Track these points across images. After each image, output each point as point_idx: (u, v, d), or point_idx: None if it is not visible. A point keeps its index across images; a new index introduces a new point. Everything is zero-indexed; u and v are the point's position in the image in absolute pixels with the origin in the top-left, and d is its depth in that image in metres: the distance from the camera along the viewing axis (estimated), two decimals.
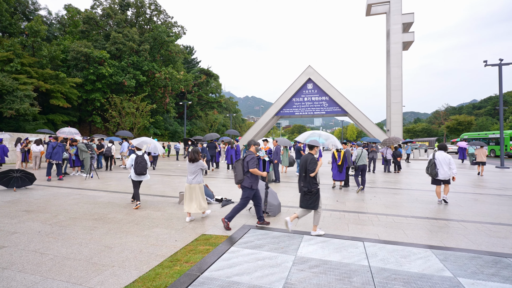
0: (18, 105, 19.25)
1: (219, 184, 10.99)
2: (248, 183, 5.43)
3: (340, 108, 31.31)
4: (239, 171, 5.42)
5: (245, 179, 5.44)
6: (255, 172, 5.42)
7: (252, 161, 5.44)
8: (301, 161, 5.28)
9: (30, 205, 7.03)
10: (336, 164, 10.71)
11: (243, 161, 5.51)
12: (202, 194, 5.89)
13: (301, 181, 5.20)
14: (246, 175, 5.45)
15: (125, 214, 6.31)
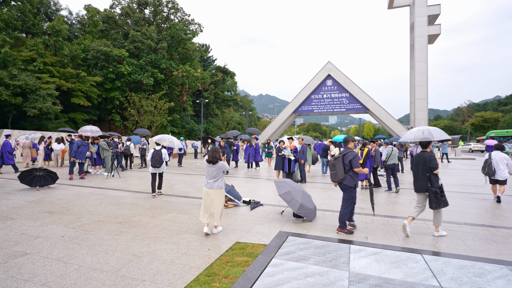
0: (41, 103, 19.49)
1: (242, 184, 10.53)
2: (351, 182, 5.04)
3: (361, 105, 30.28)
4: (340, 169, 5.03)
5: (346, 178, 5.05)
6: (360, 171, 5.01)
7: (356, 159, 5.04)
8: (415, 160, 5.07)
9: (53, 206, 6.78)
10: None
11: (343, 159, 5.09)
12: (221, 203, 4.95)
13: (421, 181, 4.92)
14: (348, 173, 5.04)
15: (151, 217, 5.92)
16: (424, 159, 4.93)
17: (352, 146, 5.30)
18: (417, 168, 5.03)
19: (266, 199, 7.90)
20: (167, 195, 8.31)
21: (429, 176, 4.86)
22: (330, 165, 5.21)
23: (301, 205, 5.69)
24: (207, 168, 4.98)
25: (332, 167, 5.16)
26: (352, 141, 5.32)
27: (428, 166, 4.86)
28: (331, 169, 5.19)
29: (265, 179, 12.12)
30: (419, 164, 4.98)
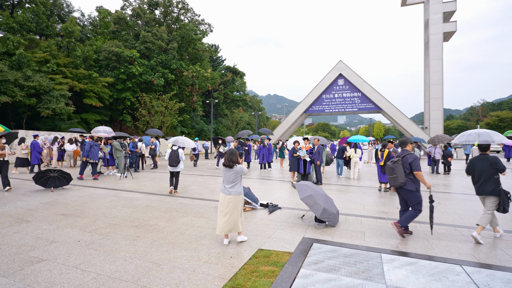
0: (54, 104, 19.67)
1: (256, 185, 10.29)
2: (413, 186, 4.80)
3: (373, 105, 29.66)
4: (400, 173, 4.79)
5: (407, 182, 4.82)
6: (420, 176, 4.78)
7: (417, 162, 4.79)
8: (476, 163, 4.90)
9: (68, 208, 6.67)
10: (379, 164, 9.90)
11: (402, 161, 4.86)
12: (240, 210, 4.61)
13: (490, 184, 4.71)
14: (409, 177, 4.81)
15: (167, 221, 5.73)
16: (490, 161, 4.76)
17: (410, 148, 5.07)
18: (480, 171, 4.84)
19: (283, 202, 7.64)
20: (182, 197, 8.14)
21: (498, 178, 4.70)
22: (389, 169, 4.96)
23: (324, 210, 5.41)
24: (224, 172, 4.65)
25: (391, 170, 4.92)
26: (411, 143, 5.10)
27: (495, 168, 4.71)
28: (390, 172, 4.94)
29: (279, 180, 11.85)
30: (484, 167, 4.80)
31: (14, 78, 18.18)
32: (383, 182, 9.73)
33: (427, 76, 30.47)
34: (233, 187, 4.62)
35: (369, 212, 6.72)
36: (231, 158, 4.61)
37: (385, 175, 9.50)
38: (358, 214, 6.52)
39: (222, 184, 4.72)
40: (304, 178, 10.86)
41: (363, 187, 10.37)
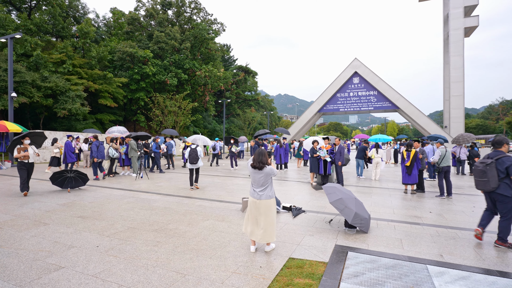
0: (70, 105, 19.84)
1: (275, 187, 9.91)
2: (507, 191, 4.34)
3: (390, 103, 28.85)
4: (493, 177, 4.37)
5: (502, 186, 4.36)
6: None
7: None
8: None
9: (85, 210, 6.48)
10: (404, 165, 9.37)
11: (496, 164, 4.44)
12: (273, 216, 4.19)
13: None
14: (504, 181, 4.37)
15: (188, 225, 5.45)
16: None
17: (505, 149, 4.58)
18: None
19: (306, 205, 7.26)
20: (200, 198, 7.86)
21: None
22: (479, 172, 4.53)
23: (356, 214, 5.01)
24: (253, 175, 4.27)
25: (482, 174, 4.49)
26: (507, 143, 4.61)
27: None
28: (481, 176, 4.51)
29: (297, 181, 11.45)
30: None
31: (31, 79, 18.41)
32: (408, 184, 9.22)
33: (447, 73, 29.42)
34: (263, 190, 4.25)
35: (401, 216, 6.27)
36: (261, 159, 4.24)
37: (409, 177, 9.05)
38: (389, 218, 6.08)
39: (251, 187, 4.38)
40: (324, 179, 10.44)
41: (387, 189, 9.88)
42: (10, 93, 15.52)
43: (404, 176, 9.20)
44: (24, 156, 7.82)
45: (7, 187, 9.17)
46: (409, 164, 9.09)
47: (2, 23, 19.41)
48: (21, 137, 7.98)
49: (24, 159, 7.82)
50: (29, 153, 7.92)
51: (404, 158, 9.34)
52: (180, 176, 12.41)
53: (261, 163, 4.24)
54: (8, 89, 15.78)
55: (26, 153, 7.86)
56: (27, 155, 7.86)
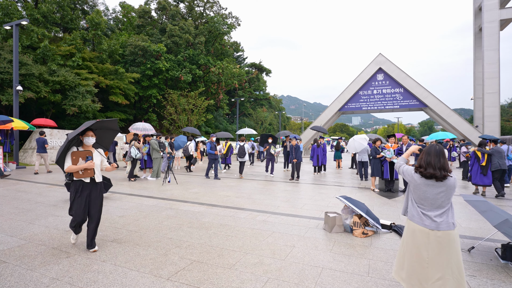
0: (80, 101, 18.25)
1: (328, 195, 8.17)
2: None
3: (418, 101, 26.99)
4: None
5: None
6: None
7: None
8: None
9: (117, 229, 4.79)
10: (479, 165, 8.39)
11: None
12: (459, 258, 2.47)
13: None
14: None
15: (272, 255, 3.74)
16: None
17: None
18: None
19: (397, 220, 5.53)
20: (256, 211, 6.15)
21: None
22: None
23: None
24: (425, 189, 2.56)
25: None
26: None
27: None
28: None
29: (352, 187, 9.69)
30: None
31: (38, 72, 16.83)
32: (485, 185, 8.31)
33: (478, 69, 27.58)
34: (443, 214, 2.52)
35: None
36: (442, 163, 2.53)
37: (484, 177, 8.22)
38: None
39: (417, 209, 2.63)
40: (389, 185, 8.71)
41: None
42: (16, 86, 13.94)
43: (479, 177, 8.35)
44: (86, 171, 3.71)
45: (12, 195, 7.51)
46: (484, 163, 8.28)
47: (7, 11, 17.87)
48: (81, 132, 3.78)
49: (84, 176, 3.71)
50: (94, 164, 3.75)
51: (479, 158, 8.37)
52: (212, 181, 10.71)
53: (443, 170, 2.52)
54: (13, 82, 14.19)
55: (90, 163, 3.68)
56: (91, 166, 3.70)
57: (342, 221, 4.86)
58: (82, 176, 3.69)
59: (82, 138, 3.77)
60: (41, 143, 11.78)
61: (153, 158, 11.04)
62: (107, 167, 4.05)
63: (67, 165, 3.65)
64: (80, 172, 3.67)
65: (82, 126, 3.69)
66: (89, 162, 3.65)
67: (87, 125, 3.70)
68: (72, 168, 3.62)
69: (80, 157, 3.65)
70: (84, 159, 3.66)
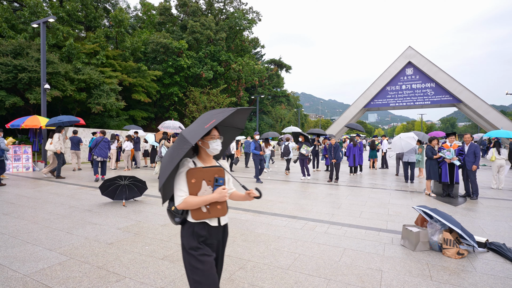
0: (104, 99, 18.09)
1: (381, 197, 7.34)
2: None
3: (451, 96, 25.47)
4: None
5: None
6: None
7: None
8: None
9: (164, 242, 4.21)
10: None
11: None
12: None
13: None
14: None
15: (360, 282, 3.03)
16: None
17: None
18: None
19: (482, 234, 4.67)
20: (311, 220, 5.44)
21: None
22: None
23: None
24: None
25: None
26: None
27: None
28: None
29: (401, 190, 8.81)
30: None
31: (64, 71, 16.74)
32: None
33: None
34: None
35: None
36: None
37: None
38: None
39: None
40: (448, 189, 7.79)
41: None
42: (43, 84, 13.80)
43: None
44: (215, 205, 2.07)
45: (44, 197, 7.14)
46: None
47: (34, 10, 17.89)
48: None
49: (212, 215, 2.05)
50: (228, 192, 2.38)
51: None
52: (244, 182, 10.08)
53: None
54: (41, 80, 14.07)
55: (222, 191, 2.04)
56: (225, 197, 2.06)
57: (427, 237, 4.09)
58: (207, 216, 1.99)
59: (202, 143, 2.04)
60: (76, 141, 12.09)
61: None
62: (240, 194, 2.21)
63: (182, 195, 1.91)
64: (204, 208, 1.97)
65: (205, 120, 1.91)
66: (222, 189, 1.96)
67: (213, 117, 1.89)
68: (193, 203, 1.90)
69: (203, 179, 1.97)
70: (210, 183, 2.00)
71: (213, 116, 1.88)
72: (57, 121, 11.34)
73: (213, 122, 1.82)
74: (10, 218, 5.34)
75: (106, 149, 9.96)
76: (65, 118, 11.67)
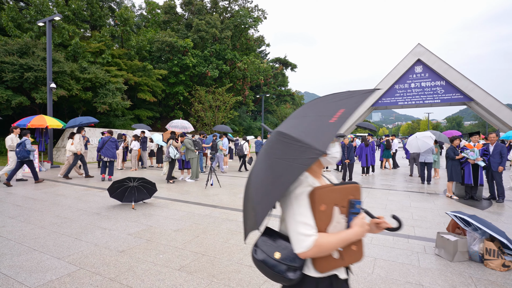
0: (110, 99, 17.89)
1: (400, 200, 6.98)
2: None
3: (462, 95, 24.90)
4: None
5: None
6: None
7: None
8: None
9: (179, 250, 3.93)
10: None
11: None
12: None
13: None
14: None
15: None
16: None
17: None
18: None
19: None
20: None
21: None
22: None
23: None
24: None
25: None
26: None
27: None
28: None
29: (419, 192, 8.44)
30: None
31: (70, 70, 16.56)
32: None
33: None
34: None
35: None
36: None
37: None
38: None
39: None
40: (471, 191, 7.42)
41: None
42: (49, 83, 13.62)
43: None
44: (350, 248, 1.34)
45: (51, 199, 6.90)
46: None
47: (39, 9, 17.73)
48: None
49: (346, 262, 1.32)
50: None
51: None
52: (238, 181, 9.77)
53: None
54: (47, 80, 13.90)
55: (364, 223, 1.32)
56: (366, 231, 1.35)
57: (466, 247, 3.75)
58: (339, 264, 1.29)
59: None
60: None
61: (189, 158, 10.26)
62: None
63: (309, 233, 1.15)
64: (336, 253, 1.27)
65: (323, 111, 1.23)
66: (361, 219, 1.31)
67: (339, 105, 1.20)
68: (329, 246, 1.19)
69: (335, 204, 1.26)
70: (344, 210, 1.29)
71: (338, 104, 1.20)
72: (78, 122, 11.70)
73: (342, 114, 1.13)
74: (16, 222, 5.09)
75: (113, 149, 9.75)
76: (84, 120, 11.98)
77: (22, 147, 8.57)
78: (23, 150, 8.57)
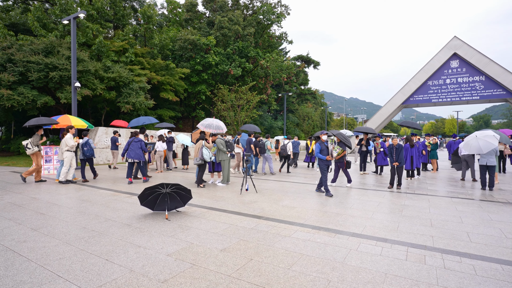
0: (134, 98, 17.53)
1: (473, 210, 5.87)
2: None
3: (504, 90, 22.94)
4: None
5: None
6: None
7: None
8: None
9: (233, 280, 3.09)
10: None
11: None
12: None
13: None
14: None
15: None
16: None
17: None
18: None
19: None
20: (410, 245, 4.16)
21: None
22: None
23: None
24: None
25: None
26: None
27: None
28: None
29: (488, 201, 7.25)
30: None
31: (94, 69, 16.29)
32: None
33: None
34: None
35: None
36: None
37: None
38: None
39: None
40: None
41: None
42: (74, 82, 13.30)
43: None
44: None
45: (76, 206, 6.29)
46: None
47: (64, 8, 17.64)
48: None
49: None
50: None
51: None
52: (289, 187, 8.88)
53: None
54: (71, 79, 13.60)
55: None
56: None
57: None
58: None
59: None
60: (113, 141, 13.07)
61: (220, 160, 9.48)
62: None
63: None
64: None
65: None
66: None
67: None
68: None
69: None
70: None
71: None
72: (141, 123, 12.96)
73: None
74: (39, 235, 4.45)
75: (139, 149, 9.17)
76: (147, 121, 13.11)
77: (88, 145, 9.47)
78: (90, 149, 9.49)
